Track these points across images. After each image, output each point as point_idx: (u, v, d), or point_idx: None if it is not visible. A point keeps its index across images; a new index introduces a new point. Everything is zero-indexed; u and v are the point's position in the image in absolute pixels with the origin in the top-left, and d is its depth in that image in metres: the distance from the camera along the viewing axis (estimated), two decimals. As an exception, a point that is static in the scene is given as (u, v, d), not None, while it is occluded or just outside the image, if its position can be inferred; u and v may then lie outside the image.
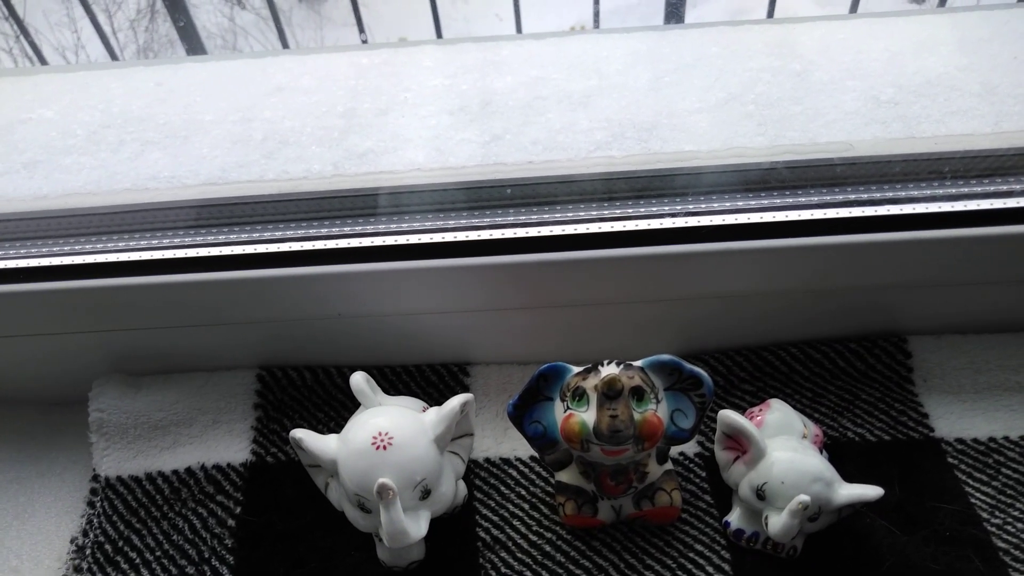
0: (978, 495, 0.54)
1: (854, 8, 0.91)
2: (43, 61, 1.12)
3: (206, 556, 0.54)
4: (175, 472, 0.58)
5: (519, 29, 0.98)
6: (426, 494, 0.47)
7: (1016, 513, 0.53)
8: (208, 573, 0.53)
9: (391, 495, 0.44)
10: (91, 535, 0.56)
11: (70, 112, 0.71)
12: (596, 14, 1.08)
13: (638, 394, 0.47)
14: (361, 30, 0.99)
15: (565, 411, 0.48)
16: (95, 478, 0.59)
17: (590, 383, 0.48)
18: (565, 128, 0.65)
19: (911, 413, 0.58)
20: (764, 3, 0.97)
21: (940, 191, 0.57)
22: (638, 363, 0.49)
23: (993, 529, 0.52)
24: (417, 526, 0.46)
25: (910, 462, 0.56)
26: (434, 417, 0.49)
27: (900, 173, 0.58)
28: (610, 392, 0.46)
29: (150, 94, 0.73)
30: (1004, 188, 0.56)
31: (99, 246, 0.59)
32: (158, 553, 0.55)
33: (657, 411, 0.47)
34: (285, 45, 1.02)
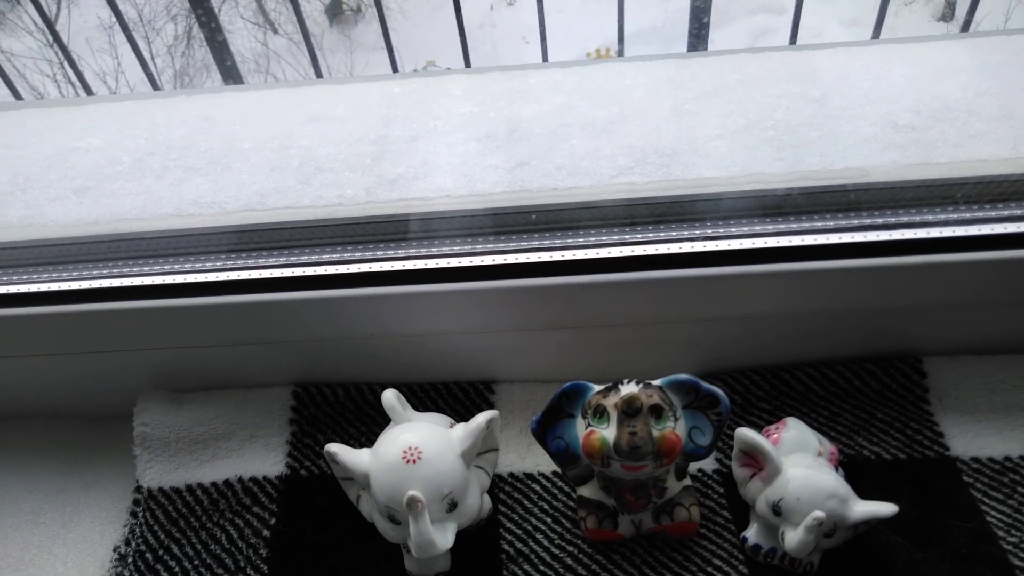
0: (994, 513, 0.54)
1: (877, 34, 0.92)
2: (85, 85, 1.17)
3: (242, 565, 0.57)
4: (214, 484, 0.61)
5: (544, 52, 1.00)
6: (453, 507, 0.49)
7: (1031, 532, 0.53)
8: (245, 581, 0.56)
9: (420, 507, 0.46)
10: (133, 544, 0.59)
11: (117, 140, 0.75)
12: (620, 38, 1.10)
13: (657, 412, 0.49)
14: (391, 55, 1.02)
15: (586, 428, 0.50)
16: (138, 489, 0.62)
17: (610, 401, 0.49)
18: (589, 154, 0.67)
19: (926, 432, 0.59)
20: (787, 24, 0.98)
21: (954, 215, 0.58)
22: (657, 382, 0.51)
23: (1009, 547, 0.53)
24: (444, 537, 0.48)
25: (925, 480, 0.57)
26: (461, 433, 0.51)
27: (914, 198, 0.60)
28: (629, 410, 0.48)
29: (192, 123, 0.76)
30: (1018, 212, 0.58)
31: (145, 269, 0.62)
32: (196, 562, 0.57)
33: (675, 428, 0.49)
34: (317, 69, 1.06)
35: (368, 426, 0.63)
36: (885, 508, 0.50)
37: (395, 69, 1.02)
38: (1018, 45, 0.76)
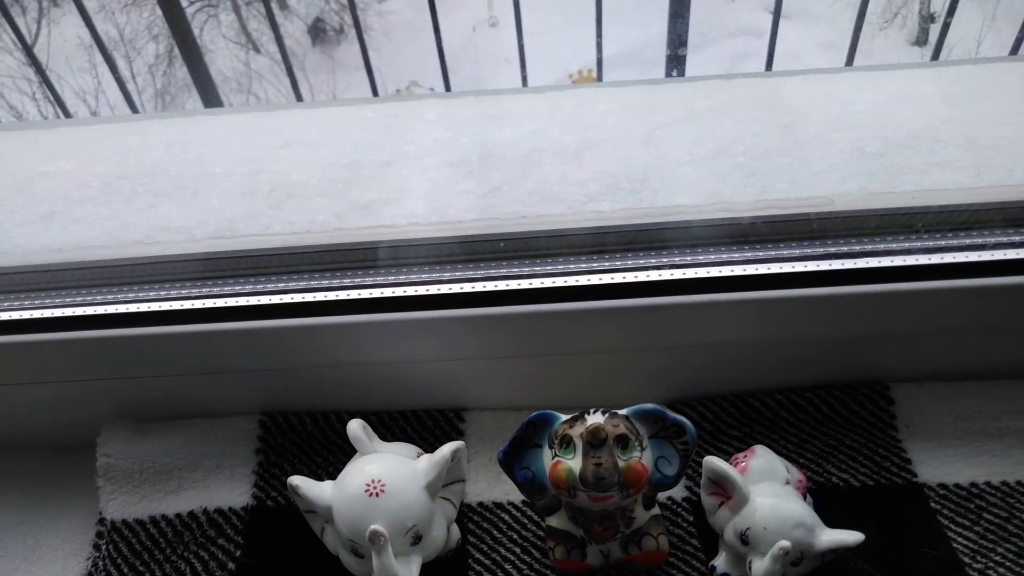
0: (960, 540, 0.55)
1: (851, 59, 0.94)
2: (63, 106, 1.17)
3: (206, 599, 0.56)
4: (178, 516, 0.60)
5: (524, 75, 1.01)
6: (417, 540, 0.49)
7: (998, 558, 0.53)
8: (208, 616, 0.55)
9: (383, 541, 0.46)
10: (96, 577, 0.58)
11: (87, 164, 0.74)
12: (599, 62, 1.11)
13: (623, 442, 0.49)
14: (371, 77, 1.02)
15: (553, 458, 0.50)
16: (101, 521, 0.61)
17: (576, 431, 0.49)
18: (561, 180, 0.67)
19: (894, 459, 0.59)
20: (764, 47, 0.99)
21: (917, 244, 0.59)
22: (623, 411, 0.51)
23: (975, 574, 0.53)
24: (408, 571, 0.48)
25: (893, 507, 0.57)
26: (426, 464, 0.50)
27: (877, 227, 0.60)
28: (594, 440, 0.48)
29: (163, 146, 0.75)
30: (979, 241, 0.58)
31: (109, 297, 0.62)
32: (160, 596, 0.56)
33: (641, 458, 0.49)
34: (297, 90, 1.06)
35: (336, 455, 0.63)
36: (851, 537, 0.50)
37: (375, 91, 1.02)
38: (981, 74, 0.77)
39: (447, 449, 0.50)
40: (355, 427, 0.54)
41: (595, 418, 0.49)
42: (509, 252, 0.62)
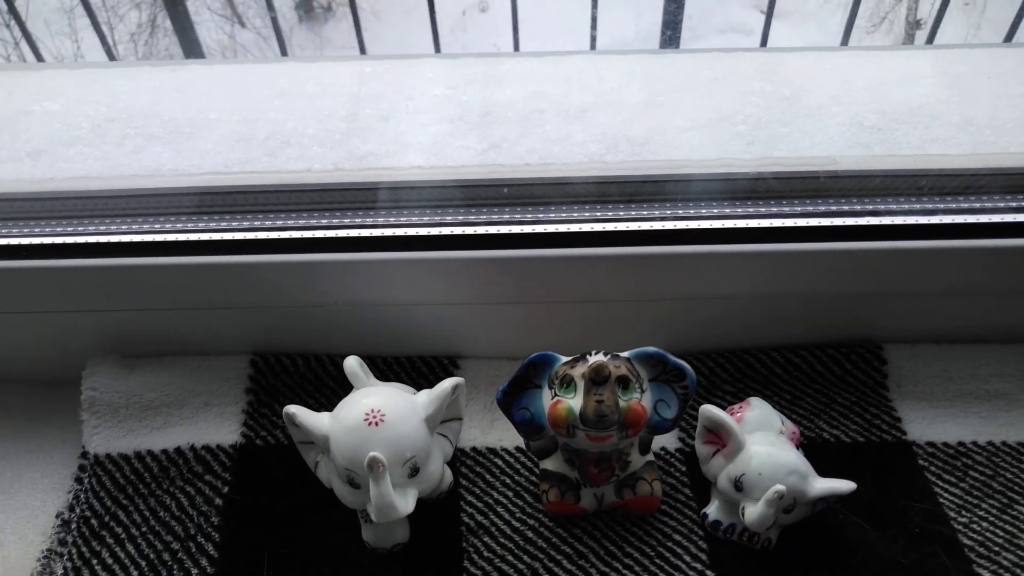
0: (946, 495, 0.55)
1: (845, 41, 0.95)
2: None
3: (192, 533, 0.55)
4: (164, 452, 0.59)
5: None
6: (415, 472, 0.48)
7: (982, 513, 0.54)
8: (193, 549, 0.54)
9: (381, 469, 0.45)
10: (77, 510, 0.56)
11: (75, 106, 0.72)
12: (593, 39, 1.11)
13: (624, 383, 0.49)
14: (363, 52, 1.01)
15: (553, 398, 0.50)
16: (84, 455, 0.59)
17: (578, 371, 0.49)
18: (561, 139, 0.67)
19: (885, 417, 0.60)
20: (755, 44, 1.00)
21: (917, 205, 0.59)
22: (625, 354, 0.51)
23: (960, 527, 0.53)
24: (405, 502, 0.47)
25: (882, 463, 0.57)
26: (426, 398, 0.50)
27: (880, 187, 0.61)
28: (597, 378, 0.48)
29: (155, 92, 0.74)
30: (977, 205, 0.59)
31: (101, 228, 0.60)
32: (144, 529, 0.55)
33: (641, 400, 0.49)
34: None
35: (328, 397, 0.62)
36: (843, 485, 0.50)
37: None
38: (978, 57, 0.79)
39: (448, 383, 0.50)
40: (352, 363, 0.53)
41: (597, 358, 0.49)
42: (512, 198, 0.61)
